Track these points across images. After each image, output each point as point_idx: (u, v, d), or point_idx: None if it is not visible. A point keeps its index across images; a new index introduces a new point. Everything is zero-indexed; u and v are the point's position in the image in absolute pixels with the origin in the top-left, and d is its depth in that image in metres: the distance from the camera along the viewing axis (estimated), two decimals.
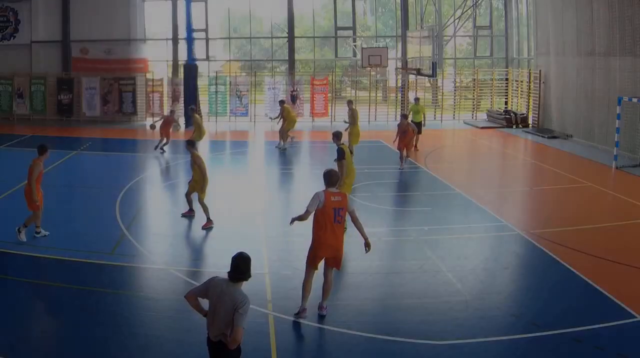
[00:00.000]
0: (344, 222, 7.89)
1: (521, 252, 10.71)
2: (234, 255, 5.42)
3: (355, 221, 7.86)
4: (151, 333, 7.59)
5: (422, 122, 21.39)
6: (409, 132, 17.65)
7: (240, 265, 5.31)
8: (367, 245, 7.85)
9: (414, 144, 20.09)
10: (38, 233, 10.99)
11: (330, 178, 7.84)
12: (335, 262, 7.86)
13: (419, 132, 20.53)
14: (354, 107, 19.49)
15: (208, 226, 11.80)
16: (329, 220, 7.63)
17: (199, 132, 19.17)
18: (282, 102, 22.10)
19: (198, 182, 11.99)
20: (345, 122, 19.09)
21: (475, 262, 10.10)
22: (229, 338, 5.20)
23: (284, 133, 20.84)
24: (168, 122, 20.50)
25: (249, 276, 5.36)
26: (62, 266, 9.69)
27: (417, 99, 22.43)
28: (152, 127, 21.32)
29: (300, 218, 7.77)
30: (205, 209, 11.86)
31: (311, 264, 7.90)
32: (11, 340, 7.22)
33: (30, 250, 10.22)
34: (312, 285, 7.90)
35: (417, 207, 13.65)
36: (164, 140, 20.06)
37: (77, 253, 10.00)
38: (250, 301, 5.27)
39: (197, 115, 20.31)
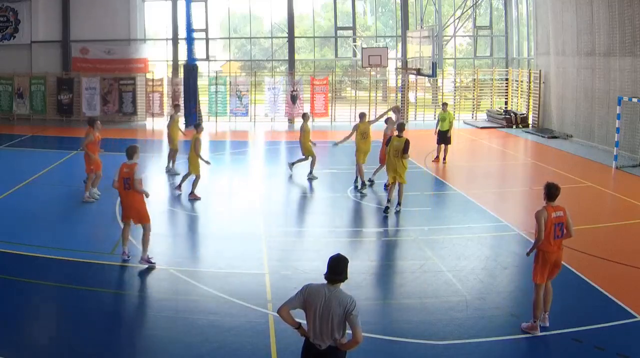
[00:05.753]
0: (565, 236, 7.62)
1: (521, 252, 10.67)
2: (330, 257, 5.32)
3: None
4: (151, 333, 7.59)
5: (449, 132, 18.68)
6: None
7: (338, 267, 5.25)
8: None
9: (443, 156, 18.58)
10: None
11: (551, 191, 7.55)
12: (552, 273, 7.72)
13: (448, 142, 18.62)
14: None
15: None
16: (549, 235, 7.44)
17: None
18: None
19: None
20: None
21: (475, 262, 10.10)
22: (348, 342, 5.19)
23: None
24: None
25: (346, 277, 5.30)
26: (62, 266, 9.69)
27: (444, 105, 19.68)
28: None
29: (536, 243, 7.53)
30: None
31: (540, 281, 7.64)
32: (11, 340, 7.22)
33: (30, 250, 10.21)
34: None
35: (417, 207, 13.64)
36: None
37: (77, 253, 9.99)
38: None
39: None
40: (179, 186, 14.60)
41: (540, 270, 7.54)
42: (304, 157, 16.42)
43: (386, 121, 15.07)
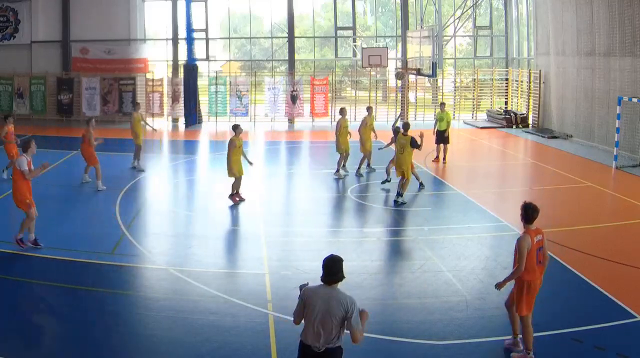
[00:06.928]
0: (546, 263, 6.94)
1: None
2: (325, 259, 5.32)
3: None
4: (151, 334, 7.59)
5: (446, 131, 18.66)
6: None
7: (334, 267, 5.25)
8: None
9: (443, 156, 18.64)
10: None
11: (528, 213, 6.78)
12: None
13: (446, 142, 18.68)
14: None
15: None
16: (532, 262, 6.73)
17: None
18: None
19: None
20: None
21: (475, 262, 10.10)
22: (353, 341, 5.19)
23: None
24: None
25: (343, 277, 5.30)
26: (62, 266, 9.68)
27: (442, 105, 19.62)
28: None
29: (515, 274, 6.76)
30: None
31: (527, 312, 6.89)
32: (11, 340, 7.22)
33: (30, 250, 10.21)
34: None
35: (417, 207, 13.65)
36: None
37: (77, 253, 9.99)
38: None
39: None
40: (237, 194, 13.82)
41: (528, 301, 6.84)
42: (364, 157, 16.77)
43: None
